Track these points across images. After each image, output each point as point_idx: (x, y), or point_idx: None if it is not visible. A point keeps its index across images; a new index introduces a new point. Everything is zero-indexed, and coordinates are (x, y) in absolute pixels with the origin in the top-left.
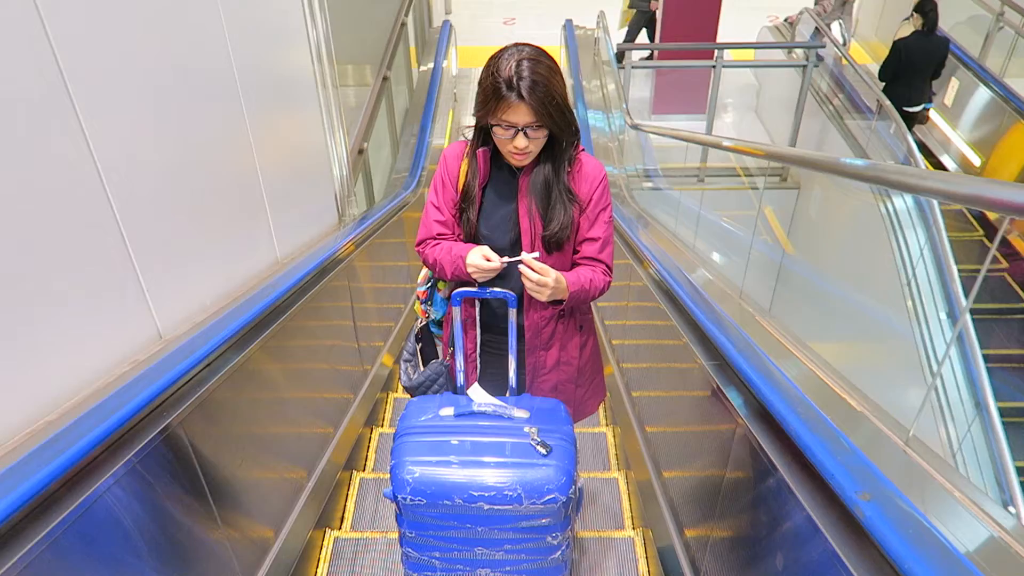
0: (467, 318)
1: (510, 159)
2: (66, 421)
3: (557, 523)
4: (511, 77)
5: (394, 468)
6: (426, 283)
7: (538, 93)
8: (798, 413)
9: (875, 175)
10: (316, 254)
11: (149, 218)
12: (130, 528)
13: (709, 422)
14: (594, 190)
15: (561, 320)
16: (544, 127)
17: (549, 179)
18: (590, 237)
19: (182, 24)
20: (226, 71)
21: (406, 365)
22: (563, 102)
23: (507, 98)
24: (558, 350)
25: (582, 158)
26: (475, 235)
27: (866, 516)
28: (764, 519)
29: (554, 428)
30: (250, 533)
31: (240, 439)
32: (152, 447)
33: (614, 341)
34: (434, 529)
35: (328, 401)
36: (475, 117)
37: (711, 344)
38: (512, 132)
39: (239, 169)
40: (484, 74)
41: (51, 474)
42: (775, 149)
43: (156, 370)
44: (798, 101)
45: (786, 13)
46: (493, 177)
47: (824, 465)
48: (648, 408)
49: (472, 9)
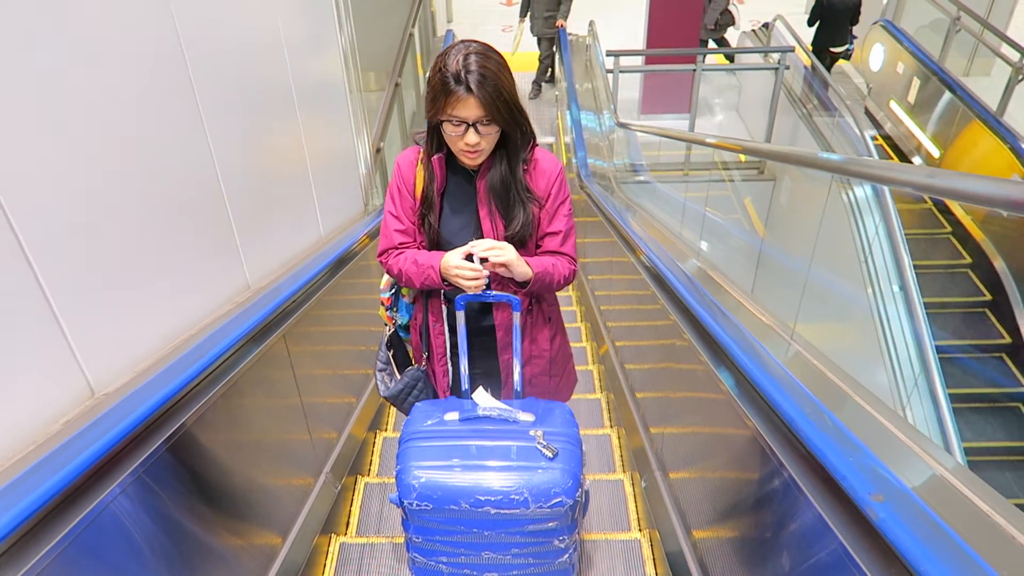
0: (436, 321)
1: (462, 158)
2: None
3: (564, 526)
4: (459, 71)
5: (400, 473)
6: (389, 289)
7: (487, 87)
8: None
9: (839, 166)
10: (351, 233)
11: (242, 206)
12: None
13: (715, 419)
14: (551, 185)
15: (529, 314)
16: (495, 122)
17: (506, 179)
18: (551, 231)
19: (264, 49)
20: (285, 80)
21: (381, 375)
22: (511, 98)
23: (455, 92)
24: (529, 343)
25: (537, 154)
26: (438, 241)
27: (880, 518)
28: (771, 517)
29: (560, 431)
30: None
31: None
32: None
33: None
34: (440, 534)
35: (334, 404)
36: (426, 118)
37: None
38: (462, 128)
39: (297, 161)
40: (432, 72)
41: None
42: (746, 144)
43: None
44: (771, 101)
45: (765, 18)
46: (450, 182)
47: (836, 468)
48: (651, 407)
49: (472, 18)
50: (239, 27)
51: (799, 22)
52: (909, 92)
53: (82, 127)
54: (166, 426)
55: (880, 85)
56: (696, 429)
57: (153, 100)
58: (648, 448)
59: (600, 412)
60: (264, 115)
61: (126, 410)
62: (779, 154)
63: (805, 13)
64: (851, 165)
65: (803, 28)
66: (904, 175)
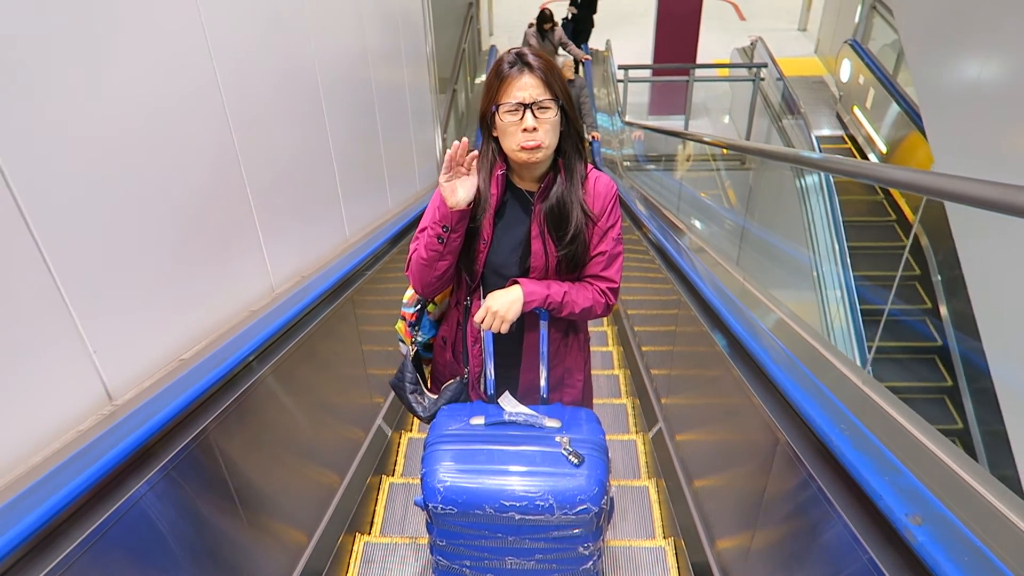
0: (475, 343)
1: (518, 155)
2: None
3: (589, 533)
4: (514, 59)
5: (425, 477)
6: (414, 304)
7: (543, 64)
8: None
9: (794, 157)
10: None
11: (348, 176)
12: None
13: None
14: (606, 207)
15: (566, 339)
16: (553, 103)
17: (566, 197)
18: (598, 252)
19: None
20: (401, 88)
21: (414, 396)
22: (565, 84)
23: (511, 74)
24: (561, 372)
25: (593, 175)
26: (483, 267)
27: (918, 541)
28: (799, 523)
29: (586, 437)
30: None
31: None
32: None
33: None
34: (465, 538)
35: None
36: (480, 111)
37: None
38: (520, 113)
39: (405, 148)
40: (488, 74)
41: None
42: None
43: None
44: (750, 106)
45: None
46: (506, 203)
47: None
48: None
49: (508, 32)
50: (370, 45)
51: (793, 38)
52: (867, 100)
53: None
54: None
55: (847, 93)
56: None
57: (293, 112)
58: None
59: (625, 417)
60: (385, 113)
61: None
62: (741, 147)
63: (799, 29)
64: (790, 155)
65: (793, 44)
66: (827, 163)
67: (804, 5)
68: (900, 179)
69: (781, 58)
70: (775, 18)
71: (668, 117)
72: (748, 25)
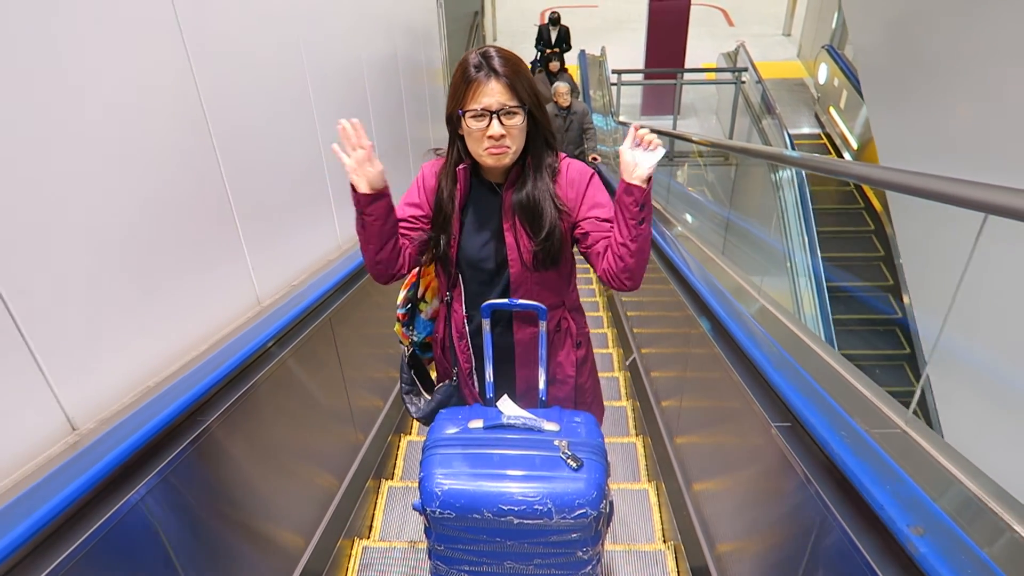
0: (460, 338)
1: (486, 159)
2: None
3: (587, 537)
4: (479, 61)
5: (423, 481)
6: (405, 305)
7: (509, 68)
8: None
9: (776, 155)
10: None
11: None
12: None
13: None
14: (583, 189)
15: (557, 334)
16: (519, 109)
17: (536, 188)
18: (596, 204)
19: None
20: (423, 94)
21: (409, 396)
22: (532, 86)
23: (477, 79)
24: (553, 366)
25: (565, 164)
26: (456, 261)
27: (920, 552)
28: (794, 525)
29: (585, 441)
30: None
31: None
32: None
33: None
34: (463, 542)
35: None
36: (447, 112)
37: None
38: (486, 120)
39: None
40: (455, 74)
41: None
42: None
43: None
44: (732, 106)
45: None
46: (473, 196)
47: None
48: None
49: (511, 38)
50: (405, 55)
51: (778, 42)
52: (841, 101)
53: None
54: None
55: (824, 95)
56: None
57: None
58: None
59: (625, 420)
60: (410, 116)
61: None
62: (725, 145)
63: (783, 34)
64: (764, 151)
65: (778, 48)
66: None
67: (788, 11)
68: (835, 168)
69: (767, 62)
70: (762, 24)
71: (659, 117)
72: (736, 31)
